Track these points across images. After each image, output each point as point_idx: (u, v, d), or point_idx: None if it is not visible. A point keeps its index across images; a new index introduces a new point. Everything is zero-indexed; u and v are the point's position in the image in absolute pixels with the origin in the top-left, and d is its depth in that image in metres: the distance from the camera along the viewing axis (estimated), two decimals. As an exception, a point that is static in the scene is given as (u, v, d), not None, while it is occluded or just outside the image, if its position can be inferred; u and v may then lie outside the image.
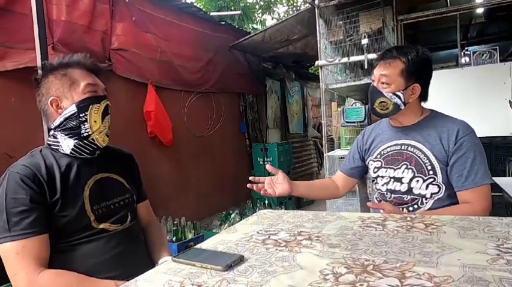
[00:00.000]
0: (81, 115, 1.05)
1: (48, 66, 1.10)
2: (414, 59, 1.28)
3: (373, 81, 1.36)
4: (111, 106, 1.13)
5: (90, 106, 1.06)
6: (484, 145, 1.29)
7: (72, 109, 1.05)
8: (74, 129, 1.06)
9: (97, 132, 1.08)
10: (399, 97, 1.29)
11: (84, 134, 1.07)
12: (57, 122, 1.06)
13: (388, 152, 1.39)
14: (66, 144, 1.07)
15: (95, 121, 1.07)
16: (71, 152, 1.07)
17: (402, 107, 1.30)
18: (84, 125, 1.06)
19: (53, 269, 0.95)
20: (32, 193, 0.95)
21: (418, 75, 1.30)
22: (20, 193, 0.94)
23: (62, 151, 1.07)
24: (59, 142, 1.08)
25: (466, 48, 4.28)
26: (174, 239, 2.80)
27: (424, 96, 1.35)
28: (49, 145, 1.10)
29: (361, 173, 1.56)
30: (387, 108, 1.31)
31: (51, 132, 1.10)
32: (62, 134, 1.07)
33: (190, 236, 2.89)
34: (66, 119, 1.05)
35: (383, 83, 1.30)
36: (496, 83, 2.54)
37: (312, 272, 0.69)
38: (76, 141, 1.07)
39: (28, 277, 0.90)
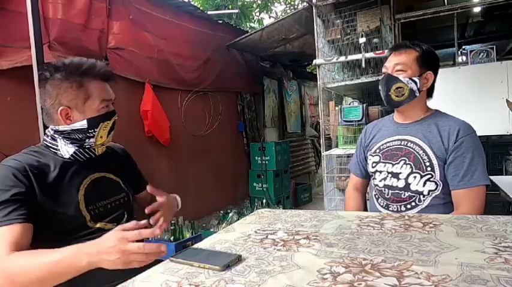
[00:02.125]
0: (90, 131, 1.05)
1: (61, 67, 1.04)
2: (427, 49, 1.34)
3: (384, 72, 1.38)
4: (117, 119, 1.13)
5: (101, 124, 1.06)
6: (481, 143, 1.30)
7: (82, 124, 1.04)
8: (78, 140, 1.06)
9: (99, 145, 1.10)
10: (415, 83, 1.31)
11: (87, 146, 1.08)
12: (61, 129, 1.05)
13: (387, 147, 1.40)
14: (66, 150, 1.07)
15: (101, 137, 1.08)
16: (69, 158, 1.07)
17: (417, 93, 1.32)
18: (90, 139, 1.07)
19: None
20: (20, 186, 0.95)
21: (431, 65, 1.34)
22: (7, 186, 0.94)
23: (60, 155, 1.07)
24: (57, 146, 1.07)
25: (463, 47, 4.29)
26: (172, 238, 2.79)
27: (430, 92, 1.38)
28: (47, 146, 1.08)
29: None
30: (403, 95, 1.32)
31: (50, 133, 1.08)
32: (63, 141, 1.07)
33: (188, 235, 2.88)
34: (73, 130, 1.05)
35: (398, 70, 1.33)
36: (493, 82, 2.54)
37: (310, 271, 0.69)
38: (76, 149, 1.07)
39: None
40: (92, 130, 1.05)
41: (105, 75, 1.09)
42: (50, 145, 1.08)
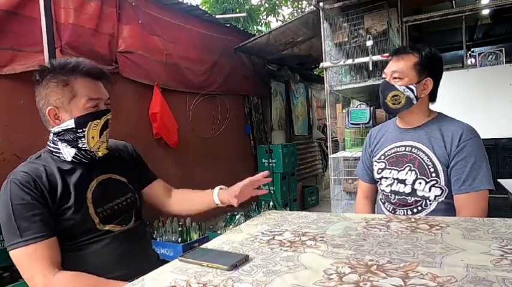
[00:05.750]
0: (78, 131, 1.03)
1: (50, 68, 1.04)
2: (427, 54, 1.30)
3: (384, 78, 1.37)
4: (111, 119, 1.09)
5: (89, 123, 1.03)
6: (490, 146, 1.29)
7: (70, 123, 1.02)
8: (72, 141, 1.04)
9: (94, 147, 1.06)
10: (412, 91, 1.29)
11: (82, 147, 1.06)
12: (55, 130, 1.05)
13: (392, 153, 1.39)
14: (67, 152, 1.06)
15: (93, 137, 1.05)
16: (72, 160, 1.06)
17: (414, 101, 1.30)
18: (82, 139, 1.04)
19: (66, 270, 0.96)
20: (36, 197, 0.96)
21: (431, 71, 1.31)
22: (24, 199, 0.95)
23: (62, 158, 1.06)
24: (59, 149, 1.06)
25: (472, 49, 4.26)
26: (179, 240, 2.82)
27: (433, 96, 1.36)
28: (50, 150, 1.08)
29: None
30: (399, 103, 1.31)
31: (51, 136, 1.08)
32: (62, 143, 1.06)
33: (195, 237, 2.91)
34: (64, 130, 1.03)
35: (395, 77, 1.31)
36: (502, 85, 2.52)
37: (316, 271, 0.70)
38: (76, 150, 1.06)
39: (44, 279, 0.91)
40: (81, 130, 1.02)
41: (91, 72, 1.05)
42: (53, 149, 1.07)
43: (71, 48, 2.45)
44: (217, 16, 4.70)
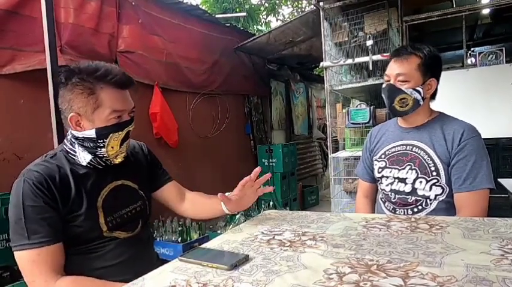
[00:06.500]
0: (99, 141, 1.01)
1: (77, 71, 1.00)
2: (429, 54, 1.30)
3: (387, 80, 1.36)
4: (133, 129, 1.08)
5: (111, 134, 1.02)
6: (490, 146, 1.29)
7: (91, 133, 1.00)
8: (90, 148, 1.03)
9: (112, 156, 1.05)
10: (419, 92, 1.29)
11: (100, 155, 1.04)
12: (76, 134, 1.03)
13: (392, 152, 1.39)
14: (83, 157, 1.04)
15: (112, 147, 1.03)
16: (86, 165, 1.05)
17: (421, 102, 1.30)
18: (101, 149, 1.03)
19: (67, 274, 0.96)
20: (47, 200, 0.95)
21: (433, 70, 1.31)
22: (36, 201, 0.94)
23: (78, 162, 1.05)
24: (75, 152, 1.05)
25: (472, 49, 4.26)
26: (179, 239, 2.82)
27: (433, 95, 1.36)
28: (66, 150, 1.06)
29: None
30: (407, 105, 1.31)
31: (69, 136, 1.06)
32: (80, 147, 1.04)
33: (195, 236, 2.91)
34: (84, 137, 1.02)
35: (400, 80, 1.30)
36: (502, 84, 2.52)
37: (316, 271, 0.70)
38: (92, 157, 1.04)
39: (46, 284, 0.91)
40: (102, 140, 1.01)
41: (119, 82, 1.02)
42: (69, 150, 1.06)
43: (71, 48, 2.45)
44: (217, 16, 4.69)
